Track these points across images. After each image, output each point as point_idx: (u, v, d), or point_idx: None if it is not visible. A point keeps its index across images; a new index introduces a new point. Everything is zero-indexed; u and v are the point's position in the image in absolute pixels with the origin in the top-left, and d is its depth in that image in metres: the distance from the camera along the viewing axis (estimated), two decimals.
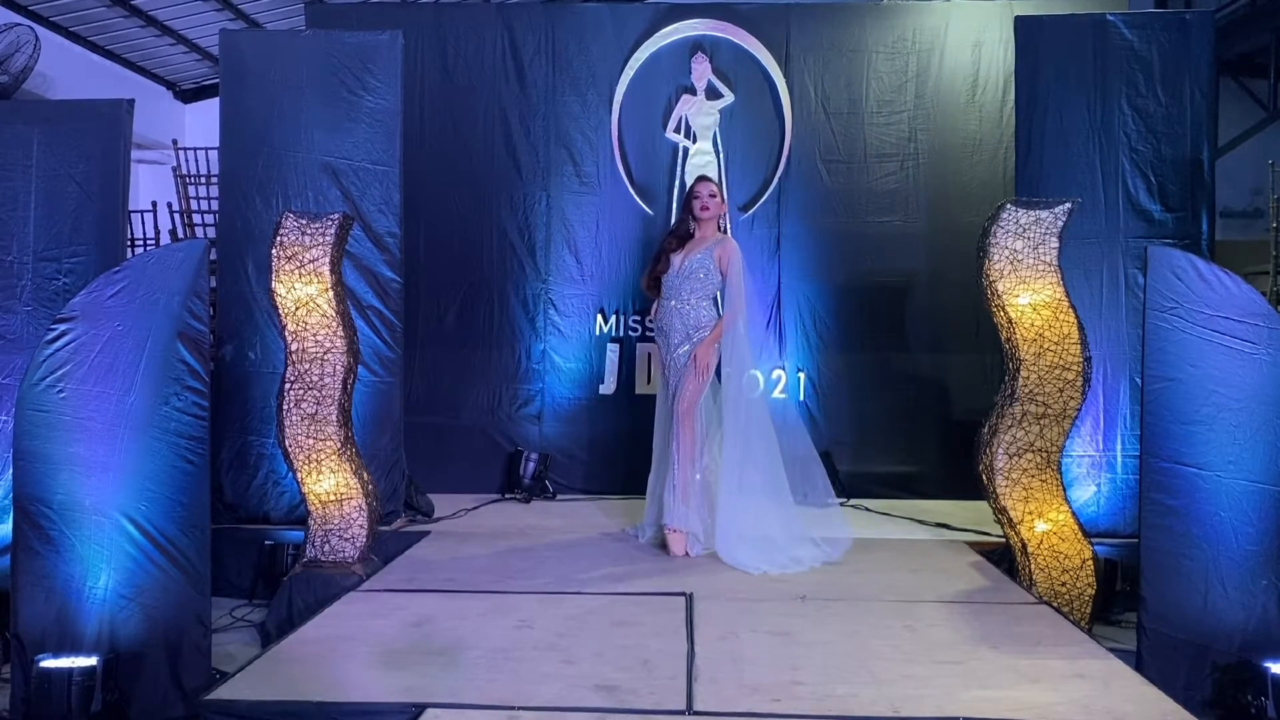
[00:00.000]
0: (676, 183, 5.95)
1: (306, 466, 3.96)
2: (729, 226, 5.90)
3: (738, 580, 3.88)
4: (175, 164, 7.61)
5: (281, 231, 3.90)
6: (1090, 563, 3.74)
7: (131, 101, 4.22)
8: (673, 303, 4.28)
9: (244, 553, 4.43)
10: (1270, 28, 7.95)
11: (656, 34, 5.99)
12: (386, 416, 4.87)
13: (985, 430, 3.91)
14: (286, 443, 3.95)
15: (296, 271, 3.89)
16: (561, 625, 3.27)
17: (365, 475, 4.07)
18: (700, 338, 4.22)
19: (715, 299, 4.33)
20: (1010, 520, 3.81)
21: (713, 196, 4.34)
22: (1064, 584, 3.73)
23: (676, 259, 4.33)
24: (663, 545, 4.31)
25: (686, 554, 4.20)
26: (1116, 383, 4.62)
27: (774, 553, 4.07)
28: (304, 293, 3.91)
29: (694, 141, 5.98)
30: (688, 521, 4.21)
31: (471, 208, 5.99)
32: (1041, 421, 3.75)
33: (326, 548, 3.98)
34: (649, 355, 5.85)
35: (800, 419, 4.51)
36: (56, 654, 2.85)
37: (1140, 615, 3.17)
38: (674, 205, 5.88)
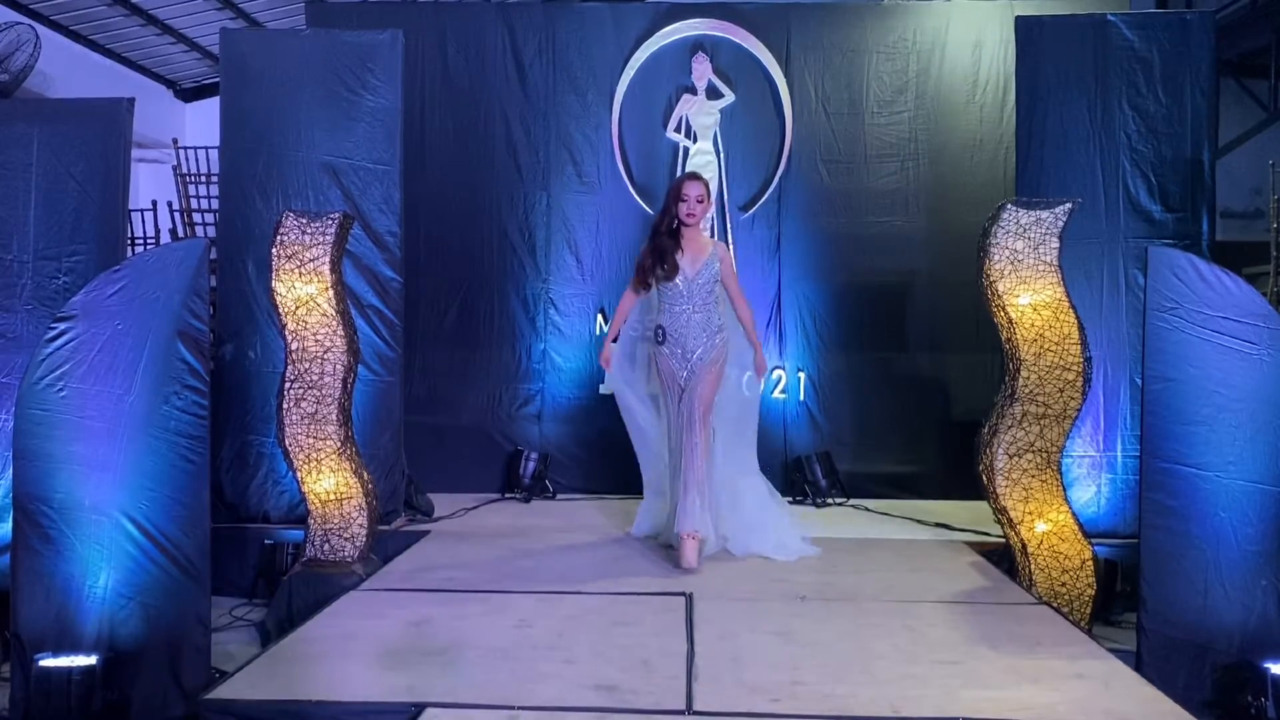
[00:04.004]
0: None
1: (306, 466, 3.96)
2: (730, 227, 5.92)
3: (738, 580, 3.88)
4: (175, 163, 7.61)
5: (282, 231, 3.90)
6: (1090, 563, 3.74)
7: (132, 100, 4.21)
8: (687, 308, 4.19)
9: (244, 552, 4.43)
10: (1271, 28, 7.94)
11: (657, 34, 5.99)
12: (386, 416, 4.87)
13: (985, 430, 3.91)
14: (286, 442, 3.95)
15: (297, 270, 3.89)
16: (561, 625, 3.27)
17: (365, 475, 4.07)
18: (721, 339, 4.21)
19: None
20: (1010, 520, 3.82)
21: (700, 201, 4.19)
22: (1064, 584, 3.73)
23: (685, 264, 4.20)
24: (666, 546, 4.30)
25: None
26: (1116, 383, 4.62)
27: (768, 535, 4.24)
28: (304, 292, 3.91)
29: (694, 141, 5.98)
30: (705, 525, 4.11)
31: (472, 207, 5.99)
32: (1041, 422, 3.75)
33: (326, 547, 3.99)
34: (649, 355, 5.84)
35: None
36: (56, 653, 2.85)
37: (1140, 615, 3.17)
38: None
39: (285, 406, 3.94)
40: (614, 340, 4.47)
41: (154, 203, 7.45)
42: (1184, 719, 2.56)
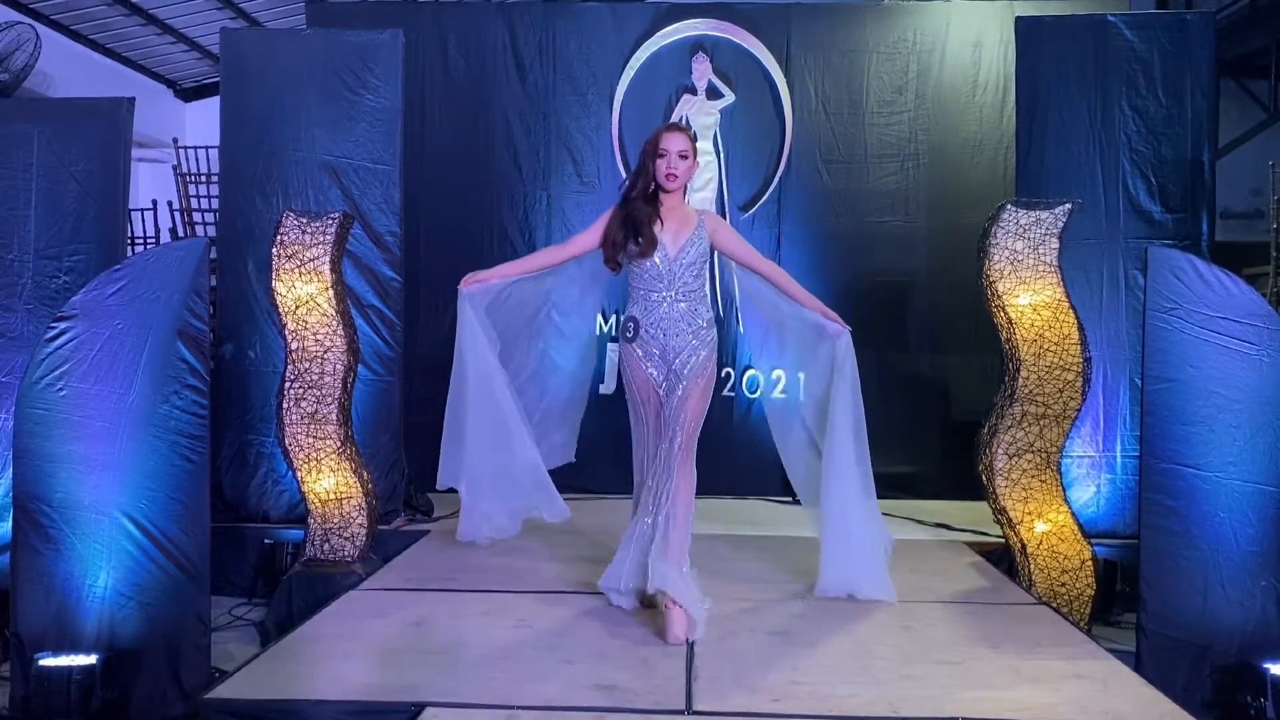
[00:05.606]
0: None
1: (306, 465, 3.97)
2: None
3: (738, 580, 3.87)
4: (176, 162, 7.61)
5: (282, 230, 3.91)
6: (1090, 563, 3.74)
7: (132, 100, 4.21)
8: (668, 295, 3.32)
9: (244, 551, 4.44)
10: (1271, 28, 7.94)
11: (657, 34, 5.99)
12: (386, 415, 4.87)
13: (985, 431, 3.91)
14: (286, 441, 3.96)
15: (297, 270, 3.90)
16: (561, 625, 3.27)
17: (365, 474, 4.08)
18: (711, 338, 3.38)
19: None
20: (1010, 521, 3.82)
21: (684, 157, 3.34)
22: (1063, 584, 3.73)
23: (665, 238, 3.32)
24: (651, 612, 3.36)
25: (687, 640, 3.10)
26: (1116, 383, 4.62)
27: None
28: (304, 291, 3.91)
29: (695, 141, 5.97)
30: (684, 592, 3.15)
31: (472, 207, 5.99)
32: (1041, 422, 3.75)
33: (326, 547, 3.99)
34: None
35: None
36: (56, 652, 2.85)
37: (1139, 616, 3.17)
38: None
39: (285, 406, 3.94)
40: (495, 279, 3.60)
41: (154, 202, 7.45)
42: (1183, 719, 2.56)
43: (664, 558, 3.17)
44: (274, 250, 3.90)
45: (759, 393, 5.90)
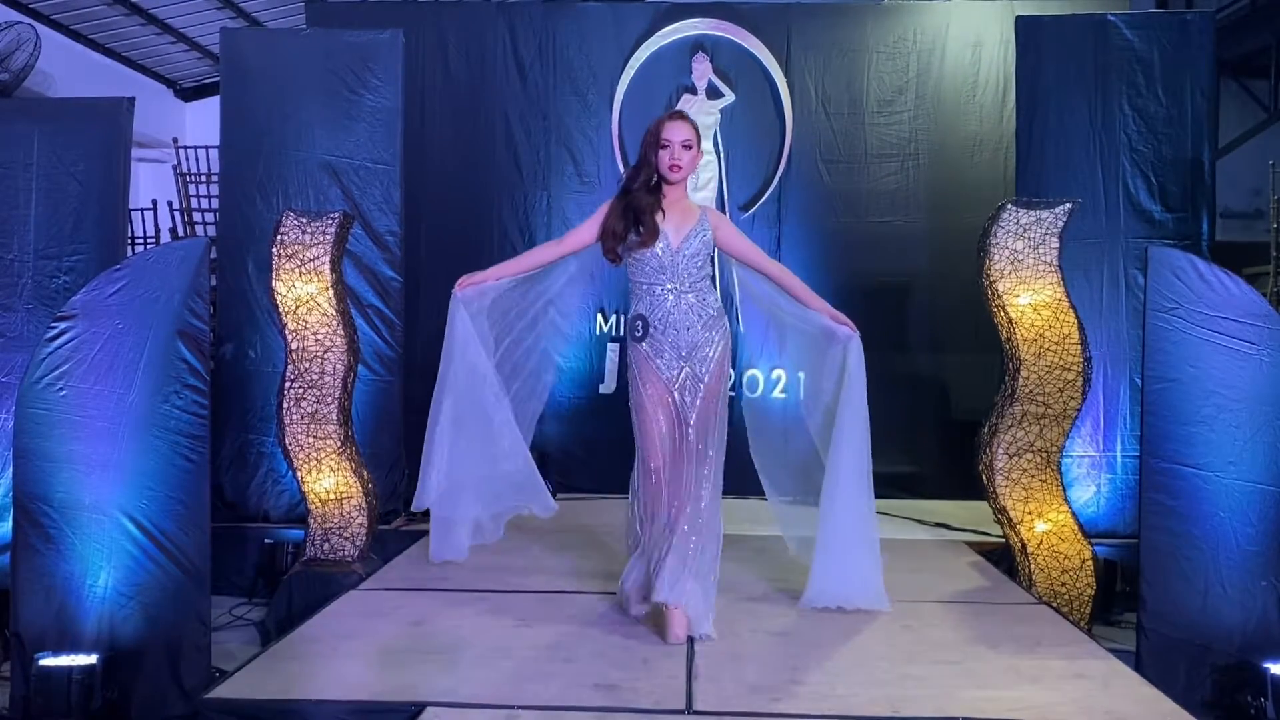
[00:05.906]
0: None
1: (306, 465, 3.97)
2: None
3: (738, 580, 3.87)
4: (176, 162, 7.61)
5: (282, 230, 3.91)
6: (1090, 563, 3.74)
7: (132, 100, 4.21)
8: (673, 286, 3.20)
9: (244, 551, 4.44)
10: (1271, 28, 7.94)
11: (657, 33, 6.00)
12: (387, 415, 4.88)
13: (985, 430, 3.92)
14: (286, 441, 3.96)
15: (297, 270, 3.90)
16: (561, 624, 3.27)
17: (365, 474, 4.08)
18: (724, 327, 3.26)
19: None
20: (1010, 520, 3.82)
21: (688, 147, 3.23)
22: (1064, 584, 3.73)
23: (670, 230, 3.20)
24: (651, 612, 3.28)
25: (690, 638, 3.09)
26: (1116, 383, 4.62)
27: None
28: (304, 291, 3.92)
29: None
30: (691, 597, 3.08)
31: (472, 207, 5.99)
32: (1041, 421, 3.75)
33: (326, 546, 3.99)
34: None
35: None
36: (56, 652, 2.85)
37: (1140, 615, 3.17)
38: None
39: (285, 406, 3.94)
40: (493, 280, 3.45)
41: (154, 202, 7.45)
42: (1184, 719, 2.56)
43: (696, 576, 3.06)
44: (274, 250, 3.90)
45: (759, 392, 5.90)
